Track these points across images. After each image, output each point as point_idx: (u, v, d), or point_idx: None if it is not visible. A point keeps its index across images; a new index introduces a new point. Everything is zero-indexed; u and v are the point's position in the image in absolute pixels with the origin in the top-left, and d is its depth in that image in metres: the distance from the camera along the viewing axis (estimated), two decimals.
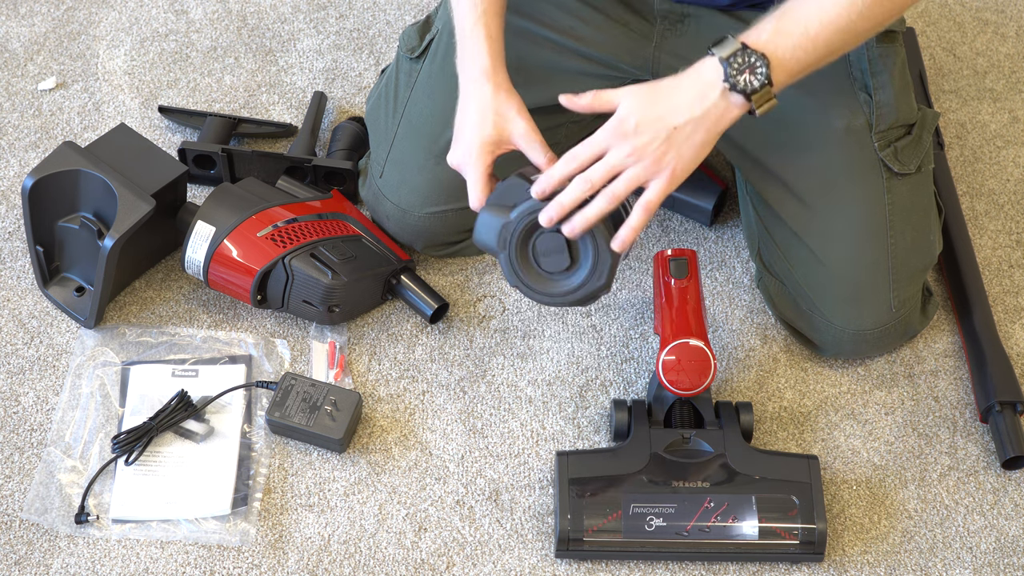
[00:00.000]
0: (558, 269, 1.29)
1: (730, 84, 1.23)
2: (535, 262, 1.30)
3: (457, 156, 1.35)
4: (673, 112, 1.24)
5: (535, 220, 1.27)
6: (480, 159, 1.32)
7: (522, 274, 1.30)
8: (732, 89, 1.24)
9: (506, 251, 1.29)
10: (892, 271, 1.46)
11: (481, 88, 1.33)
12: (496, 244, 1.29)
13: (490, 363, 1.54)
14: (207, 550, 1.38)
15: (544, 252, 1.28)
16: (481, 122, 1.32)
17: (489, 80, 1.33)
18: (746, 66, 1.23)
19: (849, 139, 1.46)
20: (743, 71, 1.23)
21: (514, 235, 1.28)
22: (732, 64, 1.23)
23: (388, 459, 1.46)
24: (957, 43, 1.91)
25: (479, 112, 1.33)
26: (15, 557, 1.37)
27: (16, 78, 1.81)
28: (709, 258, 1.64)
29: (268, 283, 1.50)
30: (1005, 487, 1.46)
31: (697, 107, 1.25)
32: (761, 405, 1.51)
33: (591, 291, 1.29)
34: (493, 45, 1.35)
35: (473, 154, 1.32)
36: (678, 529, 1.35)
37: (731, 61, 1.23)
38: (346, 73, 1.83)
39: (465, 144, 1.34)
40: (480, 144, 1.32)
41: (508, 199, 1.30)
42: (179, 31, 1.87)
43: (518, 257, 1.29)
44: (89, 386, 1.49)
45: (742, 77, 1.23)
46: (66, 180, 1.49)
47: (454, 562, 1.38)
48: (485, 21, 1.35)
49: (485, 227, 1.30)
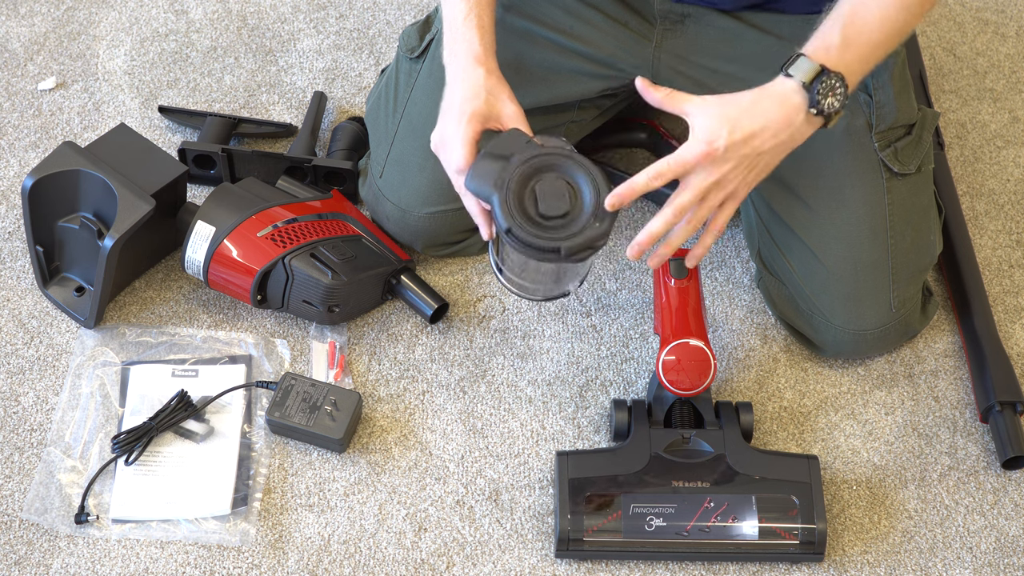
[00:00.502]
0: (557, 213, 1.23)
1: (816, 110, 1.23)
2: (531, 209, 1.24)
3: (440, 131, 1.32)
4: (760, 137, 1.23)
5: (536, 165, 1.23)
6: (469, 126, 1.28)
7: (516, 216, 1.23)
8: (818, 114, 1.24)
9: (502, 191, 1.23)
10: (892, 271, 1.46)
11: (473, 71, 1.32)
12: (492, 184, 1.23)
13: (490, 363, 1.54)
14: (207, 550, 1.38)
15: (544, 195, 1.23)
16: (472, 97, 1.30)
17: (481, 65, 1.32)
18: (829, 89, 1.23)
19: (849, 139, 1.46)
20: (827, 95, 1.23)
21: (513, 176, 1.23)
22: (817, 90, 1.23)
23: (388, 459, 1.46)
24: (957, 43, 1.91)
25: (471, 89, 1.30)
26: (15, 557, 1.37)
27: (16, 78, 1.81)
28: (709, 258, 1.64)
29: (268, 283, 1.50)
30: (1005, 487, 1.46)
31: (784, 133, 1.24)
32: (761, 405, 1.51)
33: (590, 237, 1.23)
34: (485, 35, 1.34)
35: (462, 122, 1.28)
36: (678, 529, 1.35)
37: (815, 87, 1.23)
38: (346, 73, 1.83)
39: (453, 115, 1.30)
40: (471, 113, 1.29)
41: (507, 149, 1.25)
42: (179, 31, 1.87)
43: (514, 198, 1.23)
44: (89, 386, 1.49)
45: (827, 102, 1.23)
46: (66, 180, 1.49)
47: (454, 562, 1.38)
48: (477, 12, 1.35)
49: (482, 171, 1.25)
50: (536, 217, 1.24)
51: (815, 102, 1.23)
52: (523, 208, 1.24)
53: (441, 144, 1.33)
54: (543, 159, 1.25)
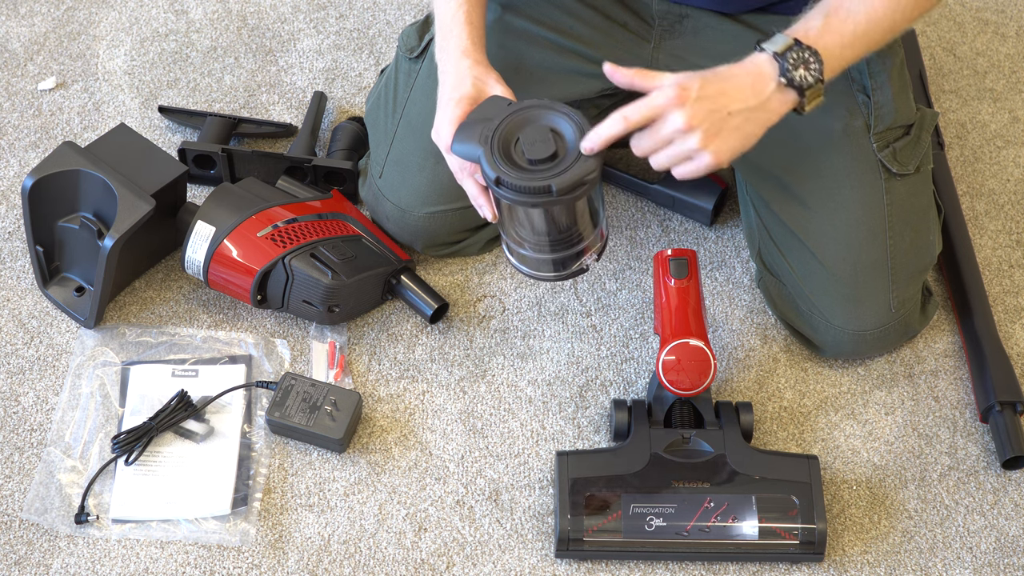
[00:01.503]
0: (543, 155, 1.22)
1: (787, 79, 1.23)
2: (519, 159, 1.23)
3: (435, 122, 1.33)
4: (730, 97, 1.22)
5: (517, 120, 1.23)
6: (457, 107, 1.29)
7: (503, 166, 1.22)
8: (788, 84, 1.23)
9: (487, 145, 1.23)
10: (892, 271, 1.46)
11: (460, 62, 1.33)
12: (477, 141, 1.24)
13: (490, 363, 1.54)
14: (207, 550, 1.38)
15: (528, 142, 1.23)
16: (459, 84, 1.31)
17: (468, 56, 1.33)
18: (800, 61, 1.23)
19: (848, 140, 1.46)
20: (798, 66, 1.23)
21: (497, 128, 1.23)
22: (788, 59, 1.22)
23: (388, 459, 1.46)
24: (957, 43, 1.91)
25: (457, 77, 1.32)
26: (15, 557, 1.37)
27: (16, 78, 1.81)
28: (709, 258, 1.64)
29: (268, 283, 1.50)
30: (1005, 487, 1.46)
31: (753, 98, 1.23)
32: (761, 405, 1.51)
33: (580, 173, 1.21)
34: (474, 31, 1.35)
35: (450, 106, 1.29)
36: (678, 529, 1.35)
37: (787, 56, 1.23)
38: (346, 73, 1.83)
39: (443, 103, 1.31)
40: (458, 97, 1.29)
41: (488, 112, 1.26)
42: (179, 31, 1.88)
43: (499, 148, 1.23)
44: (89, 386, 1.49)
45: (798, 72, 1.23)
46: (66, 180, 1.49)
47: (454, 562, 1.38)
48: (466, 9, 1.35)
49: (465, 134, 1.25)
50: (524, 164, 1.24)
51: (785, 70, 1.23)
52: (510, 158, 1.24)
53: (436, 134, 1.34)
54: (524, 113, 1.25)
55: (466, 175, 1.32)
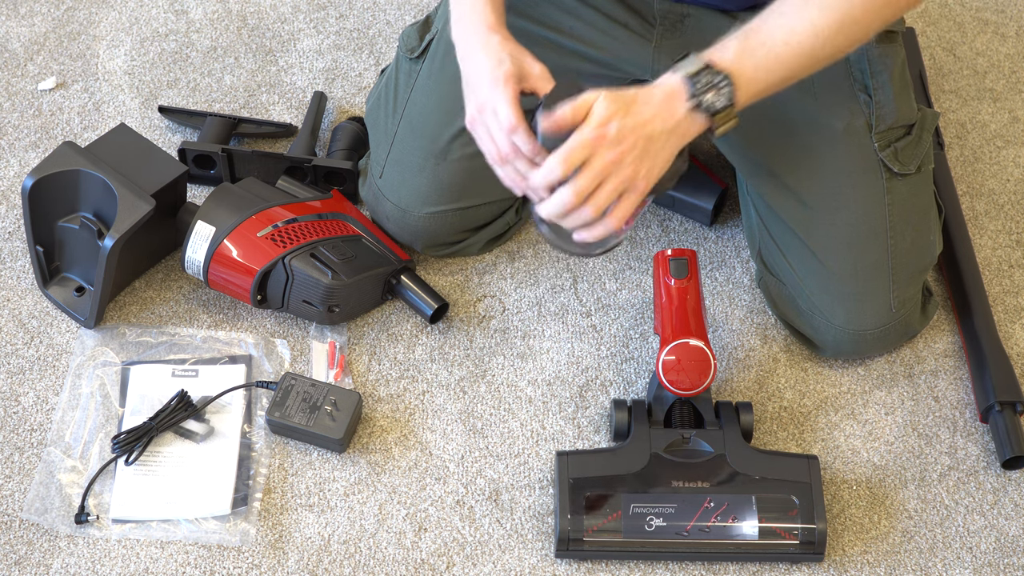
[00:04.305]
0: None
1: (695, 103, 1.23)
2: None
3: (477, 102, 1.29)
4: (648, 123, 1.23)
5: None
6: (508, 87, 1.26)
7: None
8: (697, 108, 1.24)
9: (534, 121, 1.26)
10: (892, 271, 1.46)
11: (490, 39, 1.30)
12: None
13: (490, 363, 1.54)
14: (207, 550, 1.38)
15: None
16: (500, 62, 1.28)
17: (496, 32, 1.30)
18: (711, 86, 1.23)
19: (849, 140, 1.46)
20: (708, 90, 1.23)
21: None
22: (697, 83, 1.23)
23: (388, 459, 1.46)
24: (957, 43, 1.91)
25: (495, 56, 1.29)
26: (15, 557, 1.37)
27: (16, 78, 1.81)
28: (709, 258, 1.64)
29: (268, 283, 1.50)
30: (1005, 487, 1.46)
31: (669, 120, 1.24)
32: (761, 405, 1.51)
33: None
34: (496, 5, 1.33)
35: (499, 85, 1.26)
36: (678, 529, 1.35)
37: (696, 80, 1.23)
38: (346, 73, 1.83)
39: (486, 82, 1.28)
40: (504, 75, 1.27)
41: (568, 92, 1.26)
42: (179, 31, 1.88)
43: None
44: (89, 386, 1.49)
45: (706, 97, 1.23)
46: (66, 180, 1.49)
47: (454, 562, 1.38)
48: None
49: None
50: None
51: (693, 94, 1.23)
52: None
53: (480, 112, 1.29)
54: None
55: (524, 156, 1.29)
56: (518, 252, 1.64)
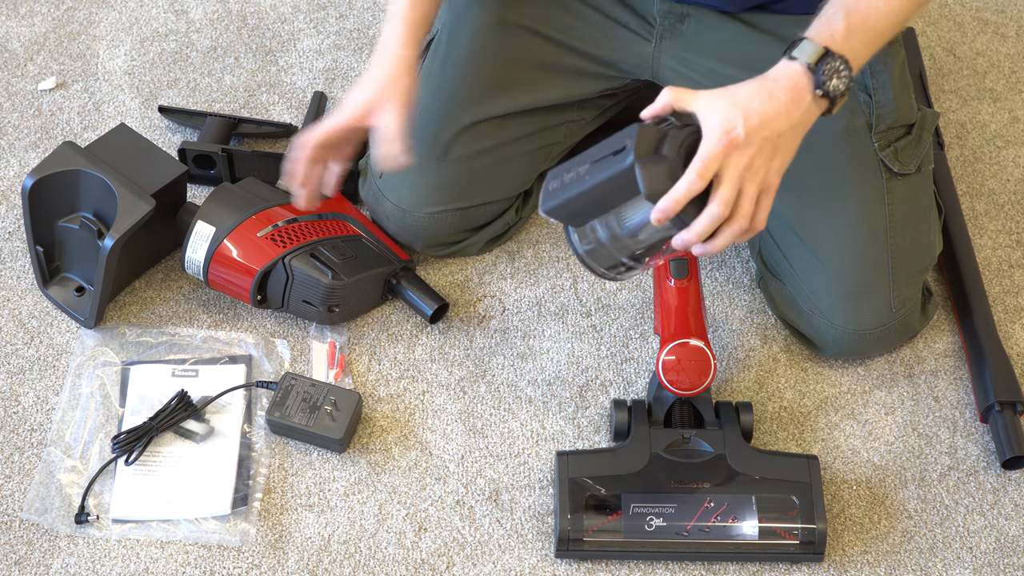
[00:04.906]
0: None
1: (822, 91, 1.22)
2: None
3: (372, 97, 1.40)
4: (773, 120, 1.21)
5: None
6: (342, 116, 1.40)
7: None
8: (823, 96, 1.23)
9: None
10: (892, 271, 1.46)
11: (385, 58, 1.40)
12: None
13: (490, 363, 1.54)
14: (207, 550, 1.38)
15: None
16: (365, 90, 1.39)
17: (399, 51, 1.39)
18: (834, 72, 1.22)
19: (849, 139, 1.46)
20: (832, 76, 1.22)
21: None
22: (822, 72, 1.22)
23: (388, 459, 1.46)
24: (957, 43, 1.91)
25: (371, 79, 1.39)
26: (15, 557, 1.37)
27: (16, 78, 1.81)
28: (709, 258, 1.64)
29: (268, 283, 1.50)
30: (1005, 487, 1.46)
31: (796, 113, 1.22)
32: (761, 405, 1.51)
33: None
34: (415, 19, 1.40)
35: (344, 111, 1.40)
36: (678, 529, 1.35)
37: (820, 68, 1.22)
38: (346, 73, 1.83)
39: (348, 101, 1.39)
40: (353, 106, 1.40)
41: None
42: (179, 31, 1.88)
43: None
44: (89, 386, 1.49)
45: (831, 83, 1.22)
46: (66, 180, 1.49)
47: (454, 562, 1.38)
48: None
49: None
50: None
51: (820, 83, 1.22)
52: None
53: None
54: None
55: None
56: (518, 252, 1.64)
